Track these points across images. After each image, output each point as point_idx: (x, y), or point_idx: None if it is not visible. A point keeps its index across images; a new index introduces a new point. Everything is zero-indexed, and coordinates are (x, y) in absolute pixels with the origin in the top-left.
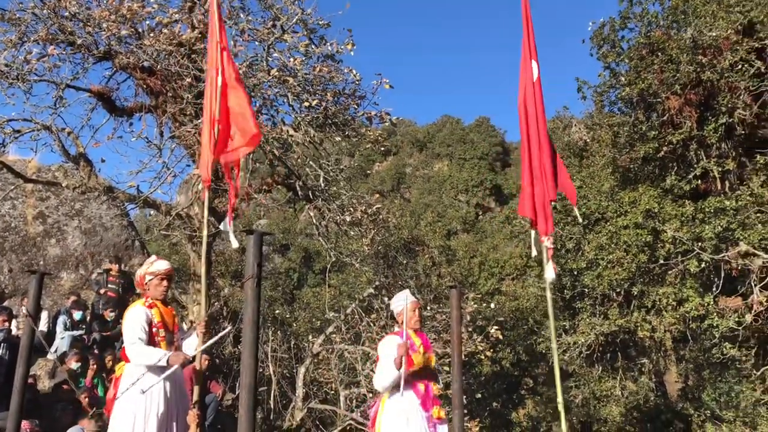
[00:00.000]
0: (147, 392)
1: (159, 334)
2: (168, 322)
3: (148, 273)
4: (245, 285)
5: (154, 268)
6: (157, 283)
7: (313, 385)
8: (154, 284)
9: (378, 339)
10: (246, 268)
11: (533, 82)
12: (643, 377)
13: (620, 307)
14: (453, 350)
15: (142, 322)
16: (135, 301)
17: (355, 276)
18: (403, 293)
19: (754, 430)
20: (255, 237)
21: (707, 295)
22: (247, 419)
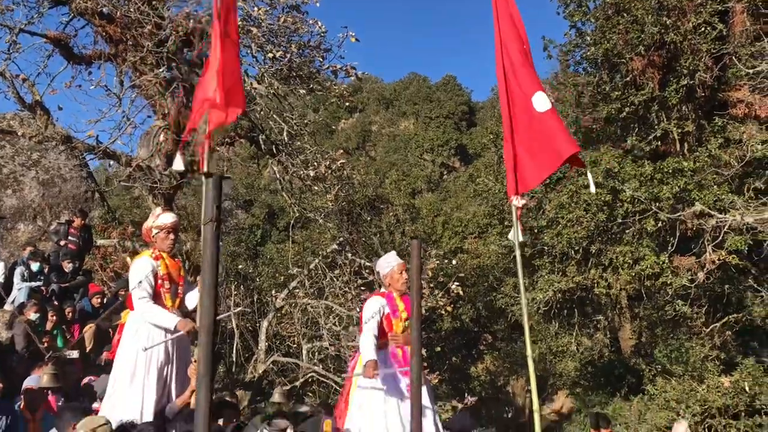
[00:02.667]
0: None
1: (164, 286)
2: (173, 275)
3: (154, 227)
4: (204, 228)
5: (160, 221)
6: (164, 237)
7: (276, 339)
8: (161, 237)
9: (341, 294)
10: (205, 212)
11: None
12: (599, 333)
13: (578, 265)
14: (413, 300)
15: (148, 274)
16: (141, 253)
17: (319, 232)
18: (391, 255)
19: (702, 383)
20: (214, 180)
21: (662, 254)
22: (205, 362)
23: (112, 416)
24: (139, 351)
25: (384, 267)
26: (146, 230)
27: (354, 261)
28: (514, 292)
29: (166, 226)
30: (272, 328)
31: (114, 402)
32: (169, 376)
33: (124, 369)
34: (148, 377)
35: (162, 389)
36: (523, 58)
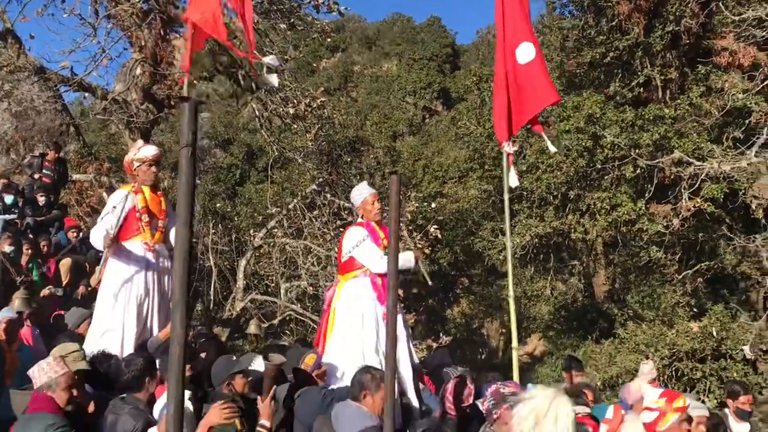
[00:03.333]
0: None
1: (142, 220)
2: (153, 208)
3: (135, 159)
4: (180, 154)
5: (141, 154)
6: (146, 169)
7: (254, 278)
8: (143, 170)
9: (320, 235)
10: (180, 137)
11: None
12: (573, 278)
13: (556, 210)
14: (391, 234)
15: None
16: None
17: (299, 173)
18: (362, 185)
19: (671, 328)
20: (189, 105)
21: (639, 201)
22: (181, 289)
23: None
24: (120, 282)
25: (357, 198)
26: (128, 163)
27: (333, 202)
28: (492, 236)
29: (148, 159)
30: (250, 266)
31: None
32: (149, 310)
33: (105, 303)
34: (128, 309)
35: (143, 323)
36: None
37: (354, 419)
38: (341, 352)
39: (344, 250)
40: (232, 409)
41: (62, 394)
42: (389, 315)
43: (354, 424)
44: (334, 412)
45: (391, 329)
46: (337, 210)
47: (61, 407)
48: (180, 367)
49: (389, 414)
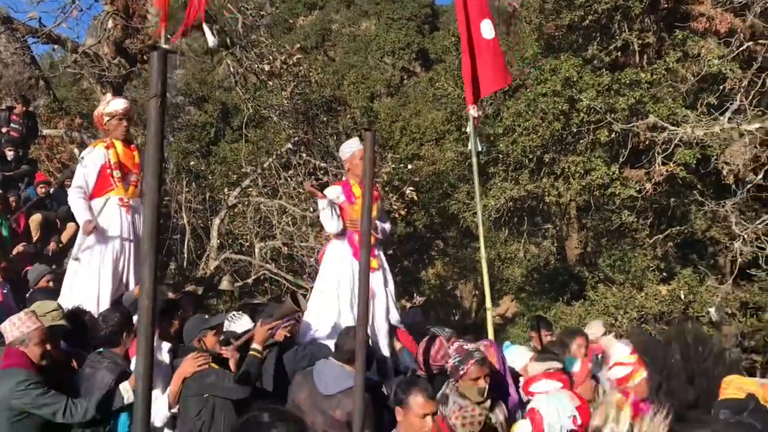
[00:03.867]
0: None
1: (114, 175)
2: (126, 163)
3: (105, 113)
4: (149, 104)
5: (111, 108)
6: (116, 124)
7: (228, 237)
8: (113, 125)
9: (295, 195)
10: (150, 87)
11: None
12: (546, 242)
13: (531, 174)
14: (365, 191)
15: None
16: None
17: (274, 132)
18: (353, 140)
19: (640, 291)
20: (159, 54)
21: (613, 165)
22: (150, 240)
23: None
24: (93, 240)
25: (346, 152)
26: (98, 117)
27: (309, 162)
28: (467, 199)
29: (118, 113)
30: (224, 225)
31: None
32: (125, 265)
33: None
34: (103, 265)
35: (118, 278)
36: None
37: (340, 379)
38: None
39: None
40: (205, 358)
41: (35, 349)
42: (362, 273)
43: (340, 383)
44: (317, 369)
45: (363, 287)
46: (312, 170)
47: (34, 362)
48: (149, 319)
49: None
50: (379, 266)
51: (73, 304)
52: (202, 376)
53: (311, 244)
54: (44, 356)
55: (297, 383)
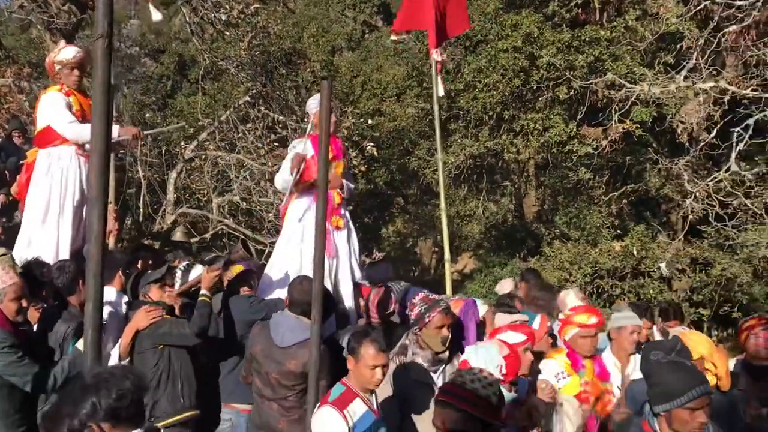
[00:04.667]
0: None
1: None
2: (87, 112)
3: (56, 61)
4: (95, 45)
5: (61, 56)
6: (68, 73)
7: (185, 192)
8: (65, 74)
9: (253, 149)
10: (95, 27)
11: None
12: (504, 199)
13: (491, 131)
14: (321, 140)
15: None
16: (48, 88)
17: (232, 85)
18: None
19: (595, 246)
20: None
21: (571, 123)
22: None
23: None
24: (52, 189)
25: (313, 107)
26: (49, 64)
27: (267, 115)
28: (428, 156)
29: (69, 62)
30: (181, 180)
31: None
32: (84, 216)
33: (36, 208)
34: (62, 216)
35: (78, 229)
36: None
37: (295, 331)
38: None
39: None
40: (158, 311)
41: (11, 305)
42: (317, 226)
43: (295, 335)
44: (273, 321)
45: (319, 240)
46: (271, 124)
47: (9, 319)
48: (98, 266)
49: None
50: (344, 225)
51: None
52: (156, 327)
53: (270, 199)
54: (20, 311)
55: (254, 335)
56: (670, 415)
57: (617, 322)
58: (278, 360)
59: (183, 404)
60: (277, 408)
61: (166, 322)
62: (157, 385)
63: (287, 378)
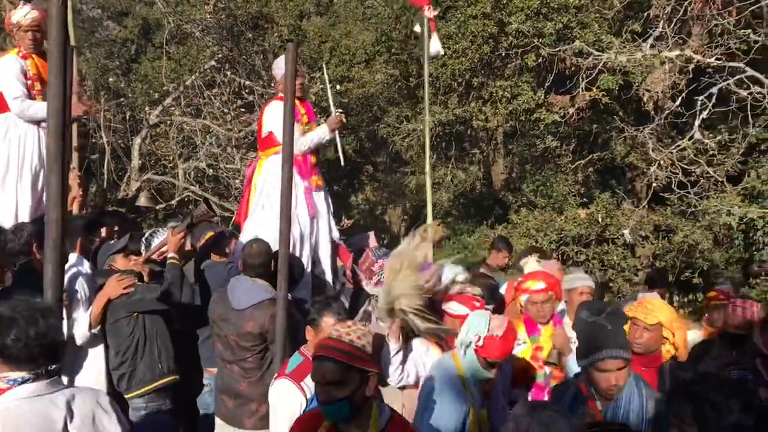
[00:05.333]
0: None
1: (34, 87)
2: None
3: (11, 23)
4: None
5: (15, 17)
6: (23, 35)
7: (150, 158)
8: (20, 36)
9: (219, 115)
10: None
11: None
12: (473, 167)
13: (460, 98)
14: (286, 104)
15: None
16: (8, 51)
17: (197, 49)
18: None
19: (561, 214)
20: None
21: (539, 90)
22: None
23: None
24: (10, 154)
25: (278, 71)
26: (7, 25)
27: (234, 80)
28: (397, 123)
29: (22, 23)
30: (146, 146)
31: None
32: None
33: None
34: (20, 182)
35: (38, 195)
36: None
37: (251, 293)
38: (258, 229)
39: (264, 126)
40: (129, 279)
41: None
42: (282, 188)
43: (251, 297)
44: (231, 285)
45: (285, 202)
46: (237, 89)
47: None
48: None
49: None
50: (323, 185)
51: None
52: (128, 295)
53: (237, 165)
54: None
55: (214, 300)
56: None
57: (569, 284)
58: (235, 322)
59: (161, 370)
60: (238, 370)
61: (138, 288)
62: (134, 353)
63: (245, 339)
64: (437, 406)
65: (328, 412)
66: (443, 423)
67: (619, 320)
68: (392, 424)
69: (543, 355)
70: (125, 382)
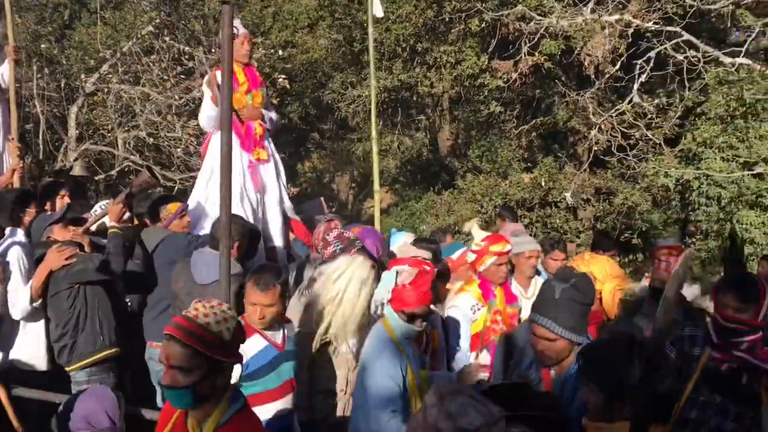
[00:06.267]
0: None
1: None
2: None
3: None
4: None
5: None
6: None
7: (88, 127)
8: None
9: (159, 82)
10: None
11: None
12: (419, 133)
13: (404, 63)
14: (223, 70)
15: None
16: None
17: (135, 14)
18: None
19: (505, 179)
20: None
21: (483, 56)
22: None
23: None
24: None
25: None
26: None
27: (173, 46)
28: (342, 89)
29: None
30: (83, 115)
31: None
32: None
33: None
34: None
35: None
36: None
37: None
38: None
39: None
40: (71, 249)
41: None
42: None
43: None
44: (194, 258)
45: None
46: (177, 55)
47: None
48: None
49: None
50: (269, 157)
51: None
52: (70, 266)
53: (178, 134)
54: None
55: (176, 272)
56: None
57: (516, 248)
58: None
59: (102, 342)
60: None
61: (79, 259)
62: (75, 325)
63: None
64: (374, 371)
65: (168, 397)
66: (382, 386)
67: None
68: (238, 416)
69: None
70: (66, 355)
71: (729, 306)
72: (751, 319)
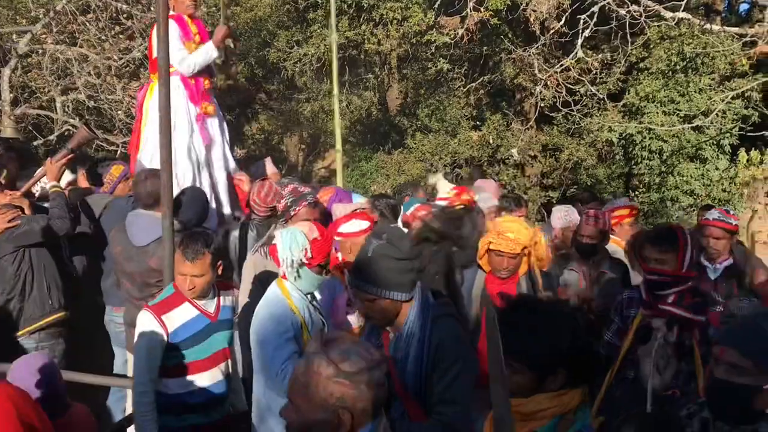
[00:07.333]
0: None
1: None
2: None
3: None
4: None
5: None
6: None
7: (24, 90)
8: None
9: (97, 43)
10: None
11: None
12: (368, 93)
13: (350, 20)
14: (158, 22)
15: None
16: None
17: None
18: None
19: (454, 137)
20: None
21: (429, 12)
22: None
23: None
24: None
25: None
26: None
27: (110, 5)
28: (287, 47)
29: None
30: (17, 77)
31: None
32: None
33: None
34: None
35: None
36: None
37: (150, 229)
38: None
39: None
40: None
41: None
42: (161, 113)
43: (150, 233)
44: (129, 220)
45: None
46: (115, 14)
47: None
48: None
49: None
50: (215, 112)
51: None
52: (13, 229)
53: (119, 96)
54: None
55: (113, 236)
56: None
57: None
58: (138, 259)
59: (51, 306)
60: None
61: (24, 220)
62: (21, 289)
63: (150, 276)
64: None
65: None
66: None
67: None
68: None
69: None
70: (12, 320)
71: (650, 258)
72: (673, 270)
